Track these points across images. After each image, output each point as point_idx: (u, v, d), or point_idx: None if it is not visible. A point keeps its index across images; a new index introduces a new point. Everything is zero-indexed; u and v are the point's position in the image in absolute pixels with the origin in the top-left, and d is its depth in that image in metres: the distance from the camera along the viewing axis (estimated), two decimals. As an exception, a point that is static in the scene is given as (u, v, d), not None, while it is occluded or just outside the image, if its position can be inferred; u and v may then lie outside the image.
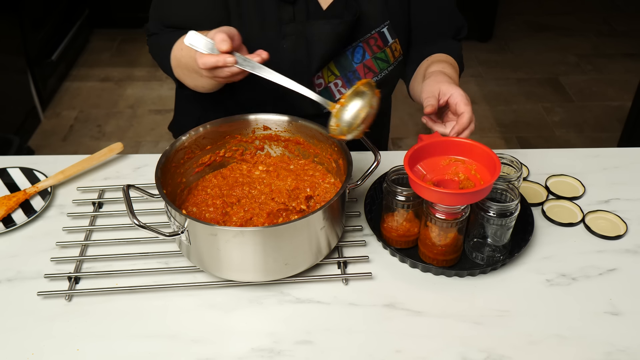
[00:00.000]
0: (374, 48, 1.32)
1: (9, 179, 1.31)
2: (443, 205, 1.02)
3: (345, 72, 1.32)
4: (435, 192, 0.99)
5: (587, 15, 4.35)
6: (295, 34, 1.25)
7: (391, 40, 1.33)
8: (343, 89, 1.33)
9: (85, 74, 3.60)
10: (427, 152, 1.09)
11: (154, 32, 1.30)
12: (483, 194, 1.01)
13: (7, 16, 2.85)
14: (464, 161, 1.09)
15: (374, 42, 1.32)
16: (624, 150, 1.45)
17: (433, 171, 1.09)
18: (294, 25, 1.25)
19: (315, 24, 1.25)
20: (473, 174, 1.08)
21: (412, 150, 1.06)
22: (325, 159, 1.21)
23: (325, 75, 1.31)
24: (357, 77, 1.33)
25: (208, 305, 1.04)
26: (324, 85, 1.32)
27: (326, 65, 1.31)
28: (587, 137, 3.11)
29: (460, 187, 1.06)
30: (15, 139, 2.63)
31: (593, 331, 1.00)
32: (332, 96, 1.33)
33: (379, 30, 1.32)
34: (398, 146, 2.96)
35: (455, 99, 1.13)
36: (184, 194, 1.18)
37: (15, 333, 0.99)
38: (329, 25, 1.25)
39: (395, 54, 1.35)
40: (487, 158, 1.06)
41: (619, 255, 1.14)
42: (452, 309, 1.03)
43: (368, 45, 1.32)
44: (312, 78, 1.30)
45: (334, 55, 1.30)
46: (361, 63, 1.32)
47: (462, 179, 1.08)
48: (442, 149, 1.09)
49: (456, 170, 1.09)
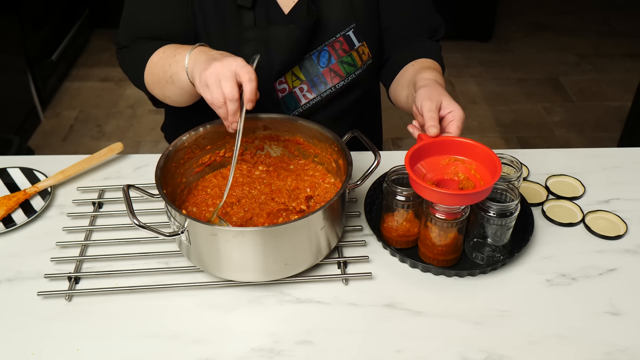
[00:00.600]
0: (340, 52, 1.31)
1: (9, 179, 1.31)
2: (443, 205, 1.02)
3: (311, 76, 1.31)
4: (436, 192, 0.99)
5: (587, 15, 4.35)
6: (256, 40, 1.24)
7: (358, 44, 1.32)
8: (309, 94, 1.32)
9: (85, 74, 3.60)
10: (427, 151, 1.09)
11: (125, 45, 1.30)
12: (483, 195, 1.01)
13: (7, 16, 2.85)
14: (464, 161, 1.09)
15: (340, 45, 1.31)
16: (624, 150, 1.45)
17: (433, 170, 1.09)
18: (254, 31, 1.24)
19: (275, 28, 1.24)
20: (473, 174, 1.08)
21: (412, 149, 1.06)
22: (325, 159, 1.21)
23: (290, 80, 1.30)
24: (323, 82, 1.32)
25: (208, 305, 1.04)
26: (288, 90, 1.31)
27: (290, 70, 1.30)
28: (587, 137, 3.11)
29: (460, 187, 1.06)
30: (15, 139, 2.63)
31: (593, 331, 1.00)
32: (298, 101, 1.32)
33: (344, 34, 1.30)
34: (398, 146, 2.96)
35: (454, 117, 1.09)
36: (184, 194, 1.18)
37: (15, 333, 0.99)
38: (285, 30, 1.24)
39: (363, 57, 1.33)
40: (488, 158, 1.06)
41: (619, 255, 1.14)
42: (452, 309, 1.03)
43: (333, 49, 1.30)
44: (274, 83, 1.29)
45: (297, 60, 1.29)
46: (327, 67, 1.31)
47: (462, 178, 1.08)
48: (442, 149, 1.09)
49: (456, 169, 1.09)
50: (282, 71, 1.28)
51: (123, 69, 1.32)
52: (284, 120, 1.22)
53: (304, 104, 1.32)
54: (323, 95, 1.33)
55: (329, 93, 1.33)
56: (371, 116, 1.55)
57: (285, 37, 1.24)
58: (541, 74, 3.64)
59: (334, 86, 1.33)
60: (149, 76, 1.22)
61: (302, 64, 1.31)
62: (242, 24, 1.24)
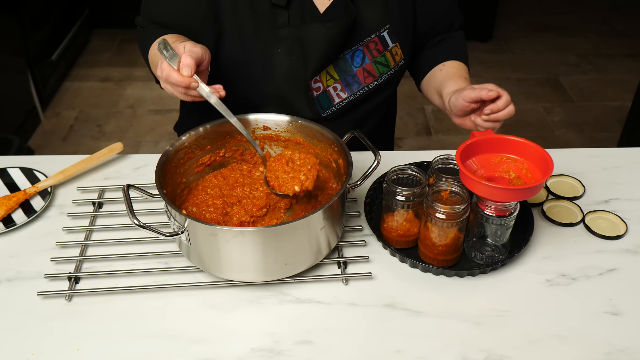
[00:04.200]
0: (374, 52, 1.32)
1: (9, 179, 1.31)
2: (493, 200, 1.02)
3: (345, 76, 1.32)
4: (486, 186, 0.99)
5: (587, 15, 4.35)
6: (290, 38, 1.25)
7: (391, 45, 1.33)
8: (342, 93, 1.33)
9: (85, 74, 3.60)
10: (479, 148, 1.09)
11: (141, 26, 1.33)
12: (533, 191, 1.01)
13: (7, 16, 2.85)
14: (516, 160, 1.09)
15: (374, 45, 1.32)
16: (624, 150, 1.45)
17: (484, 167, 1.09)
18: (288, 29, 1.25)
19: (310, 27, 1.24)
20: (524, 173, 1.07)
21: (464, 145, 1.07)
22: (325, 159, 1.21)
23: (324, 79, 1.31)
24: (356, 81, 1.32)
25: (208, 305, 1.04)
26: (323, 89, 1.32)
27: (324, 69, 1.31)
28: (587, 137, 3.11)
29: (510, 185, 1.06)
30: (15, 139, 2.63)
31: (593, 331, 1.00)
32: (331, 100, 1.33)
33: (378, 34, 1.31)
34: (398, 146, 2.95)
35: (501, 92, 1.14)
36: (184, 194, 1.18)
37: (15, 333, 0.99)
38: (322, 28, 1.24)
39: (395, 58, 1.35)
40: (540, 157, 1.06)
41: (619, 255, 1.14)
42: (452, 309, 1.03)
43: (368, 49, 1.31)
44: (309, 82, 1.30)
45: (332, 59, 1.30)
46: (361, 67, 1.32)
47: (513, 177, 1.07)
48: (494, 147, 1.09)
49: (507, 168, 1.09)
50: (317, 70, 1.29)
51: (140, 48, 1.35)
52: (284, 121, 1.22)
53: (337, 103, 1.33)
54: (356, 94, 1.34)
55: (362, 93, 1.34)
56: (391, 114, 1.57)
57: (323, 36, 1.24)
58: (541, 74, 3.65)
59: (367, 86, 1.34)
60: (151, 64, 1.27)
61: (337, 63, 1.31)
62: (276, 22, 1.24)
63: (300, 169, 1.09)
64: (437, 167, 1.15)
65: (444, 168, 1.15)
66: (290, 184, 1.08)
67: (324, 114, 1.34)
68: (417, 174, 1.11)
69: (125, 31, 3.95)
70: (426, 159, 1.30)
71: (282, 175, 1.10)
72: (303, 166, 1.09)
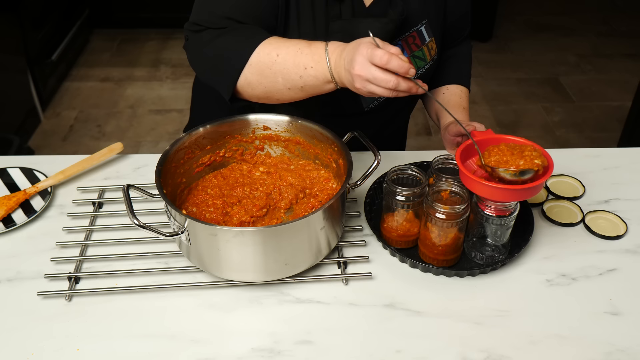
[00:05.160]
0: (413, 46, 1.33)
1: (9, 179, 1.31)
2: (493, 200, 1.03)
3: None
4: (486, 186, 0.99)
5: (587, 15, 4.35)
6: (342, 32, 1.24)
7: (428, 39, 1.34)
8: None
9: (85, 74, 3.60)
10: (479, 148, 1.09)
11: (203, 28, 1.18)
12: (534, 191, 1.01)
13: (7, 16, 2.85)
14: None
15: (413, 40, 1.33)
16: (624, 150, 1.45)
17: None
18: (340, 23, 1.24)
19: (363, 21, 1.23)
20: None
21: (463, 145, 1.07)
22: (325, 159, 1.21)
23: None
24: None
25: (208, 305, 1.04)
26: None
27: None
28: (587, 137, 3.11)
29: None
30: (15, 139, 2.63)
31: (593, 331, 1.00)
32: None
33: (417, 29, 1.32)
34: (398, 146, 2.96)
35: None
36: (184, 194, 1.18)
37: (15, 333, 0.99)
38: (378, 24, 1.23)
39: (431, 52, 1.36)
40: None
41: (619, 255, 1.14)
42: (452, 309, 1.03)
43: (407, 44, 1.32)
44: None
45: None
46: None
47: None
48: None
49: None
50: None
51: (193, 58, 1.22)
52: (284, 120, 1.22)
53: (378, 97, 1.32)
54: None
55: None
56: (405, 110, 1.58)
57: (378, 31, 1.22)
58: (541, 74, 3.65)
59: None
60: (255, 75, 1.14)
61: None
62: (329, 15, 1.24)
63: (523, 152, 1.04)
64: (437, 167, 1.15)
65: (444, 168, 1.15)
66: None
67: (367, 107, 1.34)
68: (417, 174, 1.11)
69: (125, 31, 3.94)
70: (426, 159, 1.30)
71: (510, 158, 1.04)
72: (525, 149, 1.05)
